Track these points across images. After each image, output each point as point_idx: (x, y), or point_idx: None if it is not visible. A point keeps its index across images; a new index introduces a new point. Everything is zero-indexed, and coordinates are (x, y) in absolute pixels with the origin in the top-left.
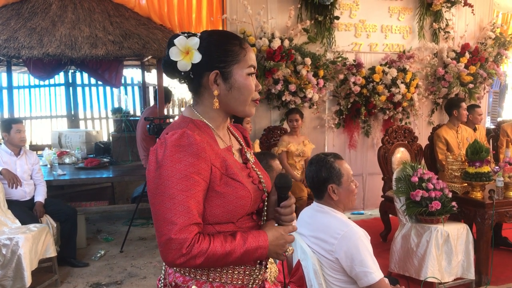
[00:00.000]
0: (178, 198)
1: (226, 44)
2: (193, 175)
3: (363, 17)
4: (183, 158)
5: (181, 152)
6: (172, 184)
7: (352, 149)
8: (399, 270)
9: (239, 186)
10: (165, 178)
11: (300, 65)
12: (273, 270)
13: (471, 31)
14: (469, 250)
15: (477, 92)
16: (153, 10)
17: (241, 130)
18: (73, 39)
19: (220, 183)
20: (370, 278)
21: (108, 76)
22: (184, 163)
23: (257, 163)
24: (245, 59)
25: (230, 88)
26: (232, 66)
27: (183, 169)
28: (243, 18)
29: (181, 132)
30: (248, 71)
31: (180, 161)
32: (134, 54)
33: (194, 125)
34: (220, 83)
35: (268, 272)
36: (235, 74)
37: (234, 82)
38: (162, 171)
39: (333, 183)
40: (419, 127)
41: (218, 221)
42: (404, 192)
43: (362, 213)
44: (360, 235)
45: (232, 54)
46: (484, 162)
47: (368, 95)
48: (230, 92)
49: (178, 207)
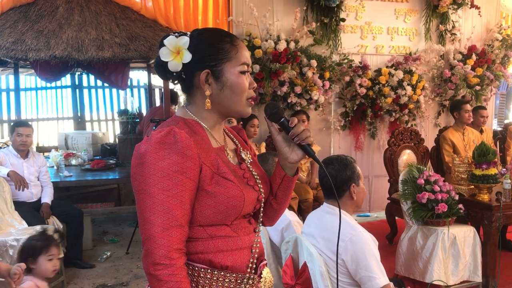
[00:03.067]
0: (158, 198)
1: (216, 42)
2: (176, 174)
3: (369, 19)
4: (166, 155)
5: (165, 150)
6: (153, 182)
7: (358, 151)
8: (405, 272)
9: (231, 186)
10: (146, 175)
11: (306, 67)
12: (268, 280)
13: (477, 33)
14: (476, 253)
15: (483, 94)
16: (159, 13)
17: (236, 130)
18: (80, 42)
19: (211, 182)
20: (374, 283)
21: (115, 78)
22: (167, 161)
23: (255, 163)
24: (237, 57)
25: (222, 87)
26: (223, 64)
27: (165, 167)
28: (249, 20)
29: (168, 130)
30: (240, 69)
31: (163, 159)
32: (140, 56)
33: (185, 124)
34: (211, 82)
35: (262, 281)
36: (227, 72)
37: (226, 81)
38: (144, 168)
39: (354, 183)
40: (425, 129)
41: (210, 223)
42: (410, 195)
43: (368, 215)
44: (367, 240)
45: (222, 52)
46: (491, 164)
47: (374, 97)
48: (222, 91)
49: (158, 206)
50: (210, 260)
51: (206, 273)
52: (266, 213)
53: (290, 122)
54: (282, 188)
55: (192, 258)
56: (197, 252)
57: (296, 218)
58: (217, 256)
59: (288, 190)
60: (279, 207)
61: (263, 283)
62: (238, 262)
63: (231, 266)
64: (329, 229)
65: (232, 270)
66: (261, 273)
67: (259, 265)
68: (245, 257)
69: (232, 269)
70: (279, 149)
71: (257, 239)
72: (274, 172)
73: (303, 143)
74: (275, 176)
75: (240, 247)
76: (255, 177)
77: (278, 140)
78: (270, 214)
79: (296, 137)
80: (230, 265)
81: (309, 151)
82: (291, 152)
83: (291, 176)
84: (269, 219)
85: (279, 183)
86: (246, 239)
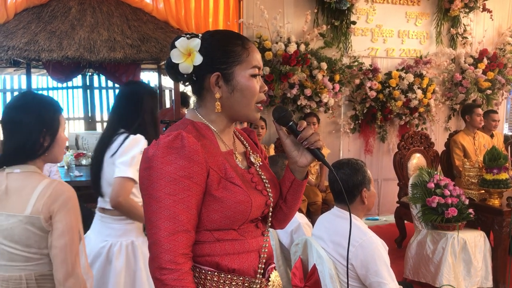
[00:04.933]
0: (164, 202)
1: (228, 45)
2: (182, 179)
3: (379, 22)
4: (173, 160)
5: (172, 154)
6: (160, 187)
7: (367, 154)
8: (413, 276)
9: (238, 191)
10: (153, 180)
11: (316, 70)
12: (276, 284)
13: (489, 37)
14: (487, 258)
15: (495, 98)
16: (171, 14)
17: (248, 132)
18: (92, 43)
19: (218, 187)
20: None
21: (125, 79)
22: (174, 166)
23: (264, 166)
24: (248, 60)
25: (232, 90)
26: (234, 67)
27: (172, 172)
28: (259, 23)
29: (176, 134)
30: (251, 72)
31: (170, 164)
32: (152, 57)
33: (193, 127)
34: (222, 85)
35: (270, 285)
36: (237, 75)
37: (236, 84)
38: (151, 173)
39: (365, 187)
40: (435, 133)
41: (217, 228)
42: (420, 198)
43: (377, 219)
44: (377, 245)
45: (233, 54)
46: (502, 169)
47: (384, 100)
48: (232, 94)
49: (164, 211)
50: (217, 262)
51: (213, 276)
52: (276, 216)
53: (299, 125)
54: (291, 192)
55: (199, 260)
56: (204, 255)
57: (305, 221)
58: (224, 259)
59: (298, 194)
60: (289, 210)
61: (271, 286)
62: (245, 265)
63: (238, 269)
64: (340, 233)
65: (239, 273)
66: (269, 277)
67: (267, 269)
68: (252, 261)
69: (239, 272)
70: (288, 153)
71: (265, 243)
72: (284, 175)
73: (311, 147)
74: (284, 179)
75: (247, 250)
76: (264, 181)
77: (287, 143)
78: (280, 217)
79: (305, 141)
80: (237, 268)
81: (318, 155)
82: (300, 156)
83: (301, 180)
84: (279, 222)
85: (289, 187)
86: (254, 242)
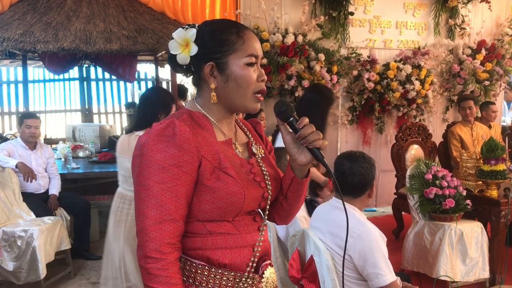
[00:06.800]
0: (152, 190)
1: (221, 34)
2: (172, 167)
3: (377, 13)
4: (164, 148)
5: (163, 142)
6: (149, 175)
7: (365, 146)
8: (411, 267)
9: (231, 181)
10: (143, 167)
11: (313, 61)
12: (270, 281)
13: (487, 28)
14: (484, 249)
15: (493, 90)
16: (167, 5)
17: (253, 124)
18: (88, 34)
19: (211, 177)
20: (381, 280)
21: (122, 70)
22: (164, 154)
23: (267, 159)
24: (243, 48)
25: (226, 80)
26: (228, 56)
27: (162, 160)
28: (256, 14)
29: (168, 122)
30: (246, 60)
31: (161, 151)
32: (148, 49)
33: (189, 116)
34: (216, 75)
35: (264, 282)
36: (231, 64)
37: (231, 74)
38: (142, 160)
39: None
40: (433, 124)
41: (209, 219)
42: (418, 190)
43: (374, 210)
44: (375, 236)
45: (227, 43)
46: (499, 160)
47: (382, 91)
48: (227, 84)
49: (152, 199)
50: (208, 257)
51: (203, 270)
52: (278, 212)
53: (299, 122)
54: (292, 190)
55: (190, 253)
56: (195, 248)
57: (303, 213)
58: (215, 253)
59: (299, 192)
60: (290, 208)
61: (264, 283)
62: (237, 261)
63: (229, 264)
64: (338, 225)
65: (231, 268)
66: (263, 273)
67: (262, 265)
68: (245, 256)
69: (231, 267)
70: (288, 149)
71: (260, 237)
72: (285, 172)
73: (310, 147)
74: (285, 176)
75: (241, 245)
76: (264, 173)
77: (287, 140)
78: (282, 214)
79: (303, 140)
80: (229, 263)
81: (317, 155)
82: (300, 154)
83: (301, 179)
84: (282, 219)
85: (289, 184)
86: (249, 237)
